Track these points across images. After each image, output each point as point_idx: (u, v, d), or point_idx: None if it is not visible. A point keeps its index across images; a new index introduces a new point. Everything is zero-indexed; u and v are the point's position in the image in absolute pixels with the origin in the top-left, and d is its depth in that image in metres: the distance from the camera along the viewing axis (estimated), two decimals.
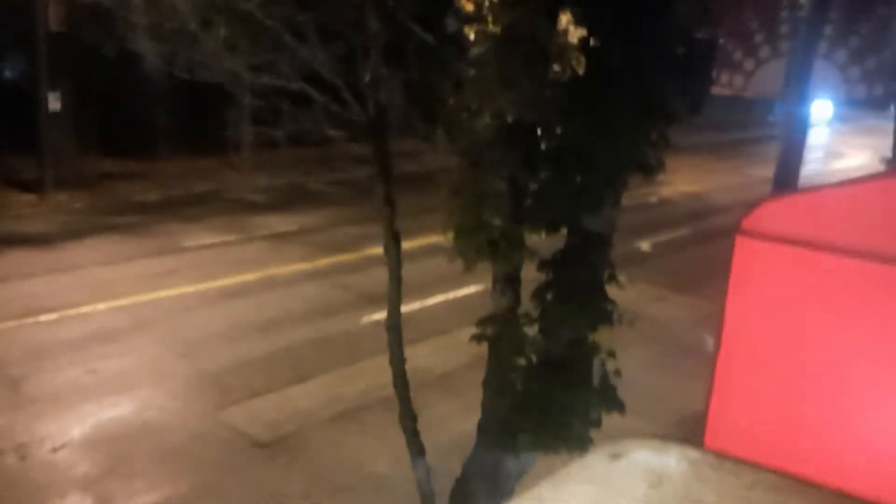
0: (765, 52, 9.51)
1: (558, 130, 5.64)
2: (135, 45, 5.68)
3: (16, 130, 18.45)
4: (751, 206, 3.53)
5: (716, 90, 9.59)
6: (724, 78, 9.73)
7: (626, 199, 6.01)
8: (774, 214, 3.49)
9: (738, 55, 9.67)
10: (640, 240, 18.14)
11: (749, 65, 9.59)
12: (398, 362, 6.41)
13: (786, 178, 9.87)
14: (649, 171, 5.45)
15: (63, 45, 17.55)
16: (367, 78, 5.41)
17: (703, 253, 16.04)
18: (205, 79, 5.37)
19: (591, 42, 5.57)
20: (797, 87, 8.82)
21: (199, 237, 16.49)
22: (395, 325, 6.38)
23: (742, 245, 3.55)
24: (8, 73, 22.21)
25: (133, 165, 20.73)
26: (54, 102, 18.08)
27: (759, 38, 9.52)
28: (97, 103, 19.25)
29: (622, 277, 5.90)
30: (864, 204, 3.12)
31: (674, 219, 20.95)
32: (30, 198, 18.13)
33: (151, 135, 21.06)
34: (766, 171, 16.62)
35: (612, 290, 6.02)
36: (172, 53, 5.37)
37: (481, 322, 6.05)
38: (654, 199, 21.93)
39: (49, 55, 17.60)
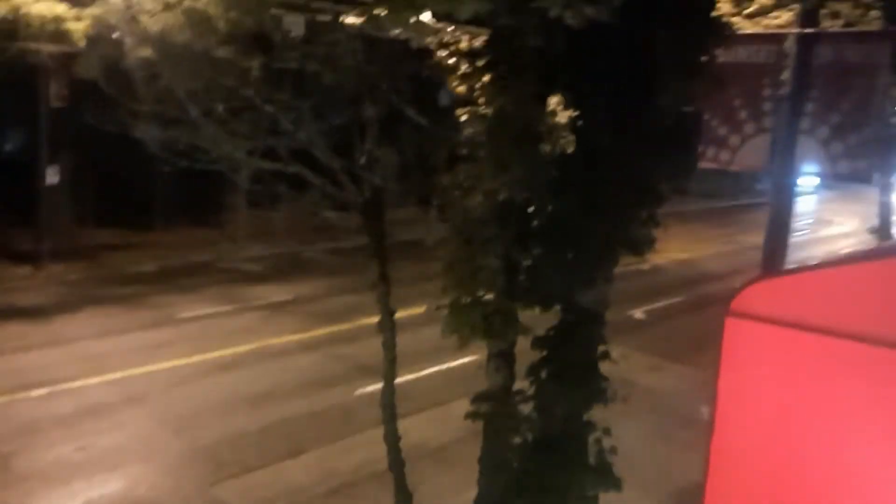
0: (749, 127, 9.72)
1: (549, 208, 5.75)
2: (134, 130, 5.83)
3: (13, 203, 18.62)
4: (740, 286, 3.62)
5: (702, 164, 9.76)
6: (711, 153, 9.91)
7: (619, 267, 6.09)
8: (762, 295, 3.57)
9: (723, 131, 9.88)
10: (634, 307, 18.21)
11: (734, 140, 9.79)
12: (392, 440, 6.39)
13: (775, 248, 9.98)
14: (639, 248, 5.55)
15: (63, 119, 17.86)
16: (363, 160, 5.54)
17: (696, 320, 16.06)
18: (203, 166, 5.49)
19: (580, 123, 5.74)
20: (782, 163, 9.03)
21: (193, 308, 16.48)
22: (389, 402, 6.38)
23: (732, 325, 3.62)
24: (8, 147, 22.51)
25: (129, 236, 20.84)
26: (52, 176, 18.29)
27: (743, 114, 9.75)
28: (95, 176, 19.48)
29: (615, 352, 5.93)
30: (849, 285, 3.20)
31: (667, 286, 21.05)
32: (25, 270, 18.16)
33: (148, 205, 21.25)
34: (756, 238, 16.78)
35: (607, 361, 6.05)
36: (172, 139, 5.51)
37: (476, 399, 6.06)
38: (646, 266, 22.04)
39: (49, 130, 17.89)
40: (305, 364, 13.83)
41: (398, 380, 6.79)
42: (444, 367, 13.32)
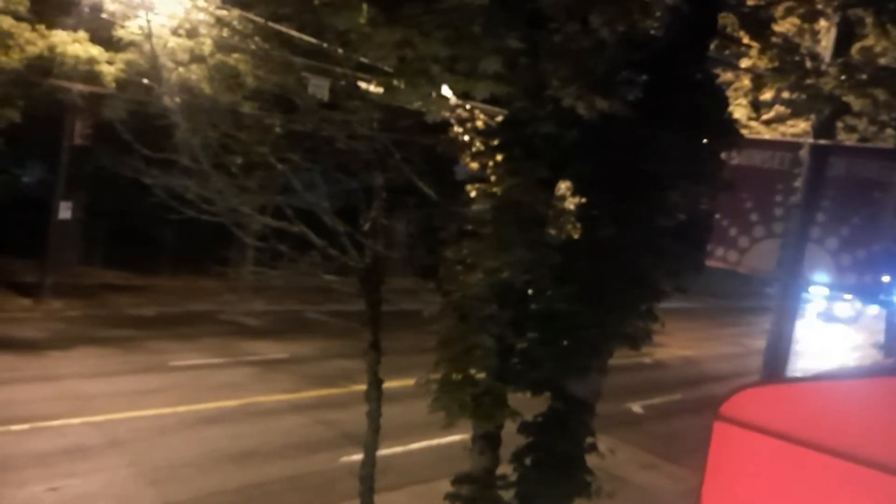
0: (759, 231, 9.75)
1: (548, 293, 5.72)
2: (144, 176, 5.89)
3: (24, 235, 18.73)
4: (731, 391, 3.56)
5: (710, 263, 9.74)
6: (720, 252, 9.92)
7: (621, 359, 6.01)
8: (753, 402, 3.51)
9: (732, 231, 9.90)
10: (632, 401, 17.93)
11: (744, 242, 9.81)
12: None
13: (776, 354, 9.88)
14: (635, 341, 5.48)
15: (83, 158, 18.13)
16: (367, 227, 5.55)
17: (695, 421, 15.69)
18: (208, 217, 5.51)
19: (586, 212, 5.76)
20: (789, 269, 9.00)
21: (187, 357, 16.32)
22: (368, 474, 6.23)
23: (720, 430, 3.55)
24: (26, 179, 22.83)
25: (134, 279, 20.86)
26: (65, 211, 18.44)
27: (753, 217, 9.79)
28: (107, 216, 19.63)
29: (608, 445, 5.80)
30: (840, 402, 3.14)
31: (668, 383, 20.77)
32: (26, 302, 18.13)
33: (156, 251, 21.33)
34: (761, 342, 16.67)
35: (596, 454, 5.91)
36: (181, 188, 5.55)
37: (457, 480, 5.91)
38: (648, 360, 21.83)
39: (68, 166, 18.14)
40: (292, 426, 13.58)
41: (385, 451, 6.63)
42: (433, 442, 13.03)
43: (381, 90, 5.51)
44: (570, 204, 6.47)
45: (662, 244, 5.50)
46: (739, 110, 11.63)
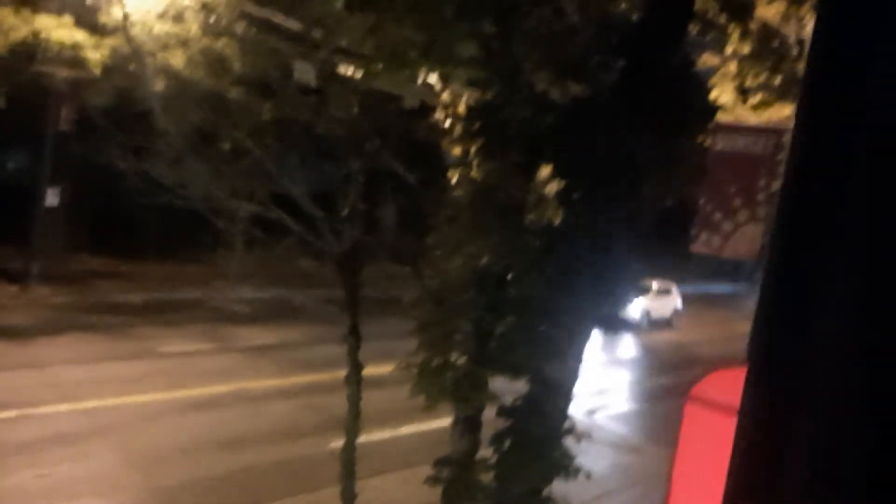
0: (742, 216, 9.75)
1: (527, 279, 5.74)
2: (124, 161, 5.88)
3: (9, 222, 18.64)
4: (702, 373, 3.61)
5: (694, 249, 9.77)
6: (704, 237, 9.93)
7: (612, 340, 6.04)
8: (723, 384, 3.55)
9: (716, 217, 9.91)
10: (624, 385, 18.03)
11: (727, 227, 9.82)
12: (349, 498, 6.25)
13: None
14: (608, 326, 5.52)
15: (67, 144, 18.03)
16: (345, 212, 5.56)
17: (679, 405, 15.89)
18: (185, 204, 5.51)
19: (565, 197, 5.77)
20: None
21: (175, 344, 16.33)
22: (349, 459, 6.27)
23: (691, 412, 3.61)
24: (10, 165, 22.68)
25: (121, 265, 20.81)
26: (52, 198, 18.37)
27: (737, 202, 9.79)
28: (93, 202, 19.54)
29: (582, 431, 5.85)
30: None
31: (655, 368, 20.89)
32: (12, 289, 18.08)
33: (143, 237, 21.26)
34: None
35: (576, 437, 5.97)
36: (156, 174, 5.55)
37: (437, 463, 5.96)
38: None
39: (53, 152, 18.05)
40: (281, 411, 13.63)
41: (373, 437, 6.66)
42: (421, 427, 13.09)
43: (359, 74, 5.51)
44: (551, 189, 6.48)
45: (640, 229, 5.53)
46: (725, 95, 11.64)
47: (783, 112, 12.73)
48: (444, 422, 11.58)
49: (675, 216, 6.18)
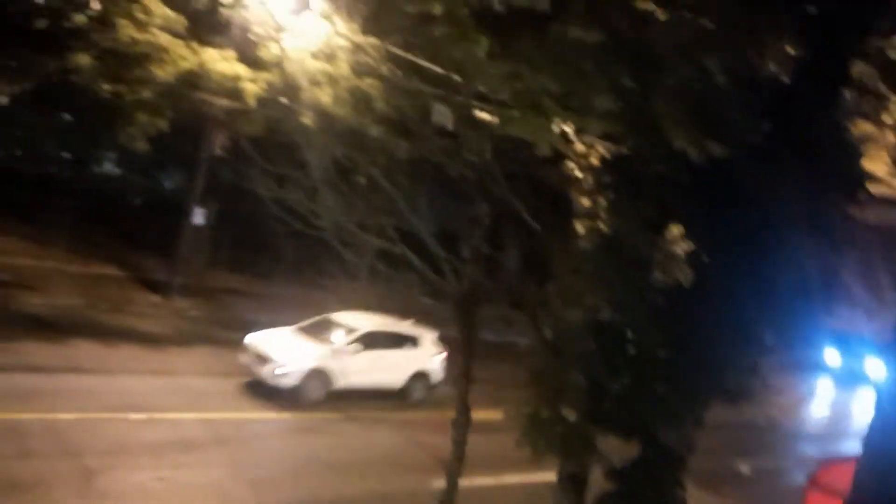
0: (891, 296, 9.14)
1: (648, 337, 5.57)
2: (266, 188, 6.18)
3: (160, 235, 20.02)
4: (823, 461, 3.41)
5: (833, 324, 9.23)
6: (844, 313, 9.37)
7: (732, 415, 5.77)
8: (844, 473, 3.34)
9: (861, 293, 9.33)
10: (740, 460, 17.04)
11: (871, 305, 9.22)
12: None
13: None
14: (734, 397, 5.25)
15: (219, 168, 19.23)
16: (467, 254, 5.61)
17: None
18: (317, 232, 5.72)
19: (695, 257, 5.58)
20: None
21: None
22: (449, 500, 6.22)
23: (812, 499, 3.42)
24: (168, 184, 24.39)
25: (253, 285, 21.80)
26: (199, 217, 19.57)
27: (885, 280, 9.20)
28: (235, 224, 20.67)
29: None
30: None
31: (780, 445, 19.64)
32: (154, 298, 19.30)
33: (275, 260, 22.24)
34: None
35: None
36: (296, 202, 5.79)
37: None
38: (762, 419, 20.74)
39: (205, 175, 19.28)
40: (389, 443, 13.75)
41: (475, 482, 6.59)
42: (526, 478, 12.84)
43: (495, 120, 5.58)
44: (680, 248, 6.29)
45: (774, 298, 5.26)
46: (880, 166, 10.99)
47: None
48: (549, 475, 11.35)
49: (813, 287, 5.83)
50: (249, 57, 18.33)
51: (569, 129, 5.62)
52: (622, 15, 4.31)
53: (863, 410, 25.88)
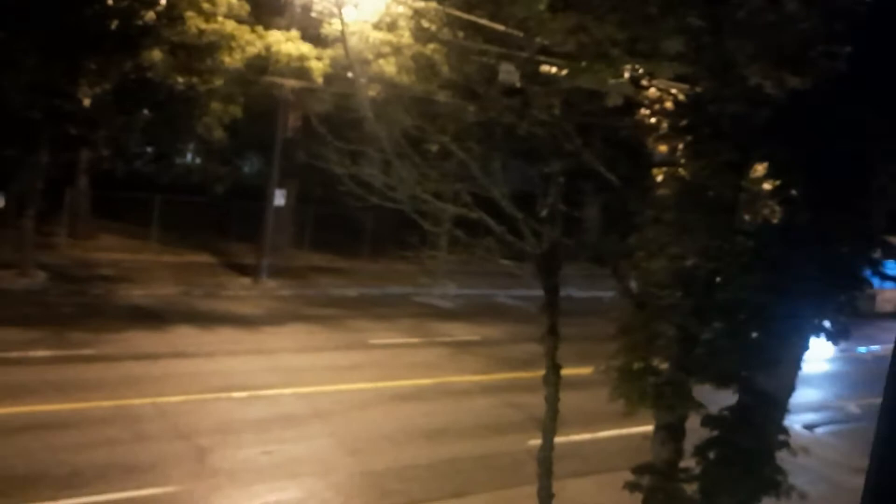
0: None
1: (737, 282, 5.44)
2: (340, 165, 6.28)
3: (244, 221, 20.67)
4: None
5: None
6: None
7: (836, 351, 5.62)
8: None
9: None
10: (848, 399, 16.56)
11: None
12: (545, 498, 6.26)
13: None
14: (831, 336, 5.08)
15: (295, 149, 19.63)
16: (544, 213, 5.57)
17: None
18: (394, 205, 5.79)
19: (782, 195, 5.41)
20: None
21: (384, 336, 17.23)
22: (546, 458, 6.28)
23: None
24: (247, 169, 25.04)
25: (338, 261, 22.31)
26: (279, 199, 20.07)
27: None
28: (314, 203, 21.11)
29: (797, 447, 5.44)
30: None
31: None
32: (245, 281, 19.98)
33: (358, 236, 22.64)
34: None
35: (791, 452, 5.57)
36: (370, 176, 5.87)
37: (637, 470, 5.81)
38: (868, 354, 20.03)
39: (282, 157, 19.71)
40: (482, 406, 13.92)
41: (572, 437, 6.63)
42: (621, 431, 12.81)
43: (562, 73, 5.49)
44: (765, 187, 6.09)
45: (866, 230, 5.05)
46: None
47: None
48: (646, 427, 11.28)
49: None
50: (313, 35, 18.57)
51: (639, 74, 5.48)
52: None
53: None
